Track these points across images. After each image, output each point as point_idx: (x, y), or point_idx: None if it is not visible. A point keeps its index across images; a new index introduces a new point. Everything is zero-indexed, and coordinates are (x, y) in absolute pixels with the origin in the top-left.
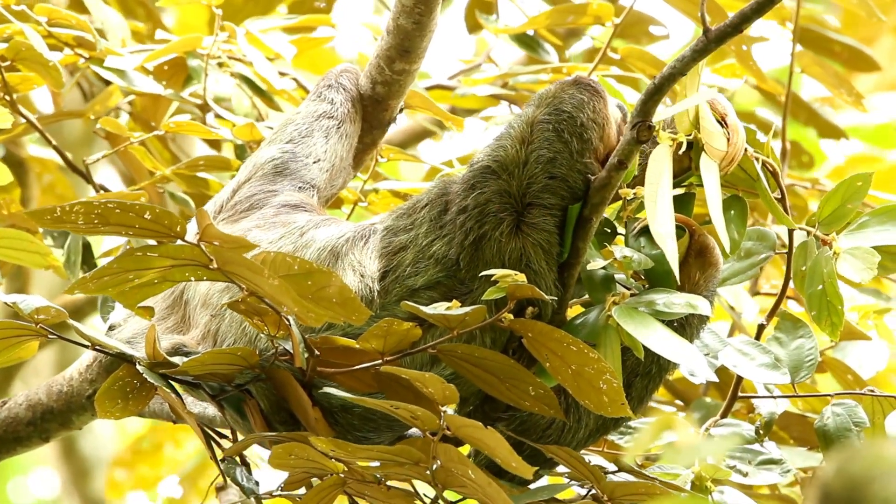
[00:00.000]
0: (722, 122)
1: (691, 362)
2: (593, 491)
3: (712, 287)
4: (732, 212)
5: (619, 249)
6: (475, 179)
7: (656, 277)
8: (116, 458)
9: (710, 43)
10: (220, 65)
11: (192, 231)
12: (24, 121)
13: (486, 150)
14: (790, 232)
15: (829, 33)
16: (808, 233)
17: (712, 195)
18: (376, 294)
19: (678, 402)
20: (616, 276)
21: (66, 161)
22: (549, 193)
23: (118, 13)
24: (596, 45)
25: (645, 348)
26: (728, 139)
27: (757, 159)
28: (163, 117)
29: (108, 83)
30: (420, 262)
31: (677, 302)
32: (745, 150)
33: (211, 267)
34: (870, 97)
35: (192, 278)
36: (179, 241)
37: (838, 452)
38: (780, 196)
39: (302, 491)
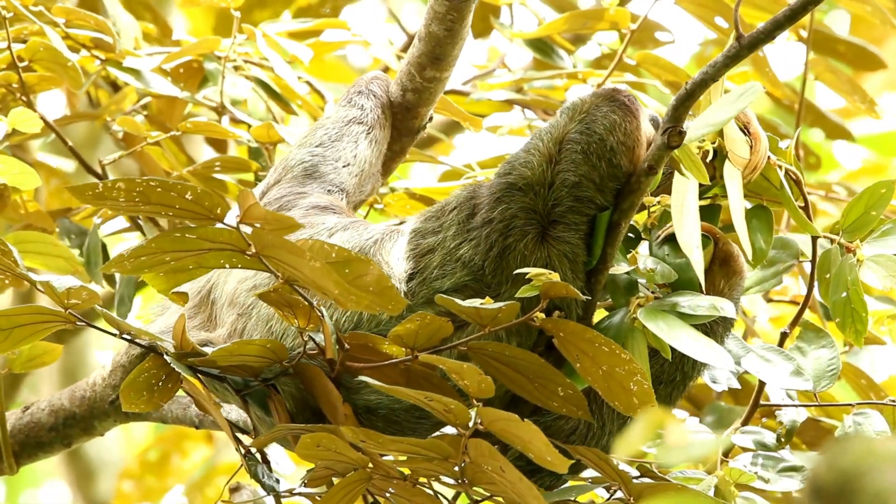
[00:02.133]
0: (745, 130)
1: (720, 362)
2: (619, 493)
3: (737, 295)
4: (757, 221)
5: (644, 260)
6: (502, 193)
7: (680, 285)
8: (124, 469)
9: (743, 49)
10: (236, 68)
11: (233, 217)
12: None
13: (514, 163)
14: (813, 240)
15: (834, 33)
16: (832, 241)
17: (735, 203)
18: (403, 295)
19: (691, 405)
20: (639, 280)
21: (83, 162)
22: (574, 213)
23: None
24: (603, 51)
25: (671, 353)
26: (751, 147)
27: (780, 167)
28: (178, 120)
29: (117, 88)
30: (447, 265)
31: (702, 304)
32: (769, 158)
33: (248, 253)
34: (879, 98)
35: (227, 265)
36: (219, 224)
37: (830, 447)
38: (803, 205)
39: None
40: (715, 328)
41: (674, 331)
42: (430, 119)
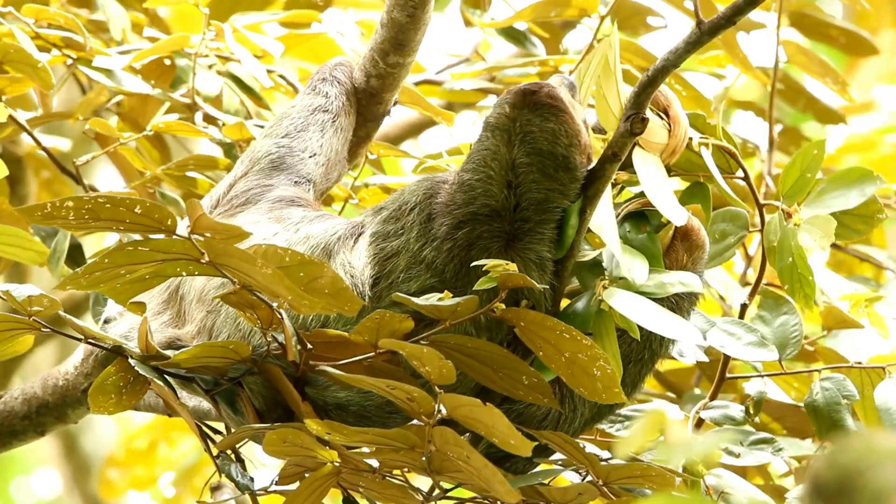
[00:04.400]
0: (665, 113)
1: (688, 338)
2: (589, 477)
3: (700, 268)
4: (694, 198)
5: (610, 260)
6: (465, 218)
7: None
8: (110, 457)
9: (704, 35)
10: (210, 66)
11: (184, 226)
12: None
13: (472, 192)
14: (760, 210)
15: (825, 18)
16: (776, 208)
17: (650, 184)
18: (368, 299)
19: (670, 394)
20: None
21: (56, 163)
22: (541, 226)
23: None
24: (597, 37)
25: (640, 332)
26: (669, 131)
27: (707, 145)
28: (151, 117)
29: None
30: (413, 268)
31: (668, 280)
32: (691, 139)
33: (202, 261)
34: (872, 90)
35: (184, 273)
36: (171, 235)
37: (830, 438)
38: (743, 176)
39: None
40: (681, 303)
41: (640, 309)
42: (395, 104)
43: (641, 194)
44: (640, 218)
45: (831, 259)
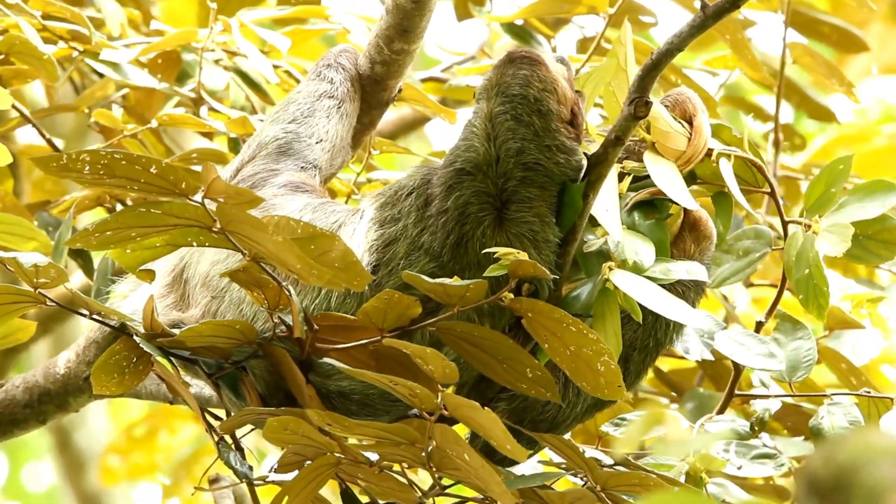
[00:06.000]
0: (689, 122)
1: (691, 320)
2: (589, 482)
3: (707, 259)
4: (716, 207)
5: (615, 243)
6: (452, 180)
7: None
8: (111, 444)
9: (708, 19)
10: (216, 61)
11: (198, 196)
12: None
13: (457, 151)
14: (785, 225)
15: (818, 15)
16: (799, 223)
17: (662, 178)
18: (367, 288)
19: (672, 393)
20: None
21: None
22: (526, 186)
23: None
24: (585, 34)
25: (643, 316)
26: (689, 139)
27: (728, 157)
28: (157, 111)
29: (101, 76)
30: (412, 255)
31: (673, 268)
32: (711, 149)
33: (214, 229)
34: (861, 82)
35: (195, 244)
36: (184, 199)
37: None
38: (769, 190)
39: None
40: (687, 294)
41: (645, 291)
42: (400, 91)
43: (652, 183)
44: (649, 206)
45: (827, 258)
